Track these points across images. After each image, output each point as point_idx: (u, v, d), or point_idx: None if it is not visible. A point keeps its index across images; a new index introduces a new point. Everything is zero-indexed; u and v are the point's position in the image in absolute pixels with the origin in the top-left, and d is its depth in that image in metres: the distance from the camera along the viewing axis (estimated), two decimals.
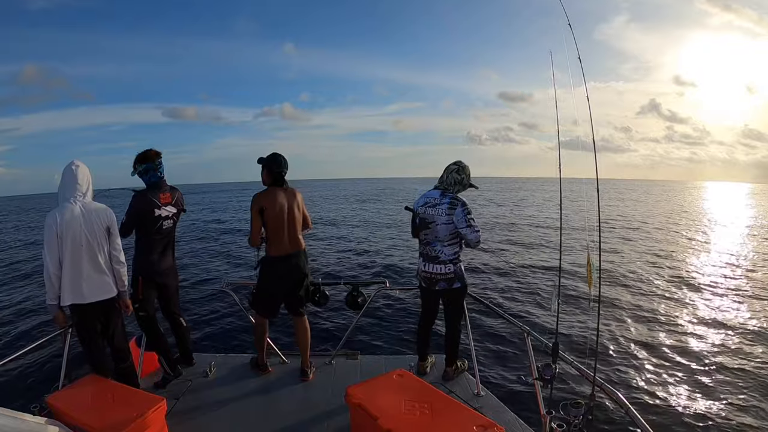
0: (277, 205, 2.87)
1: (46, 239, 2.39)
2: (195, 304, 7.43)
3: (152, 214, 2.89)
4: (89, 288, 2.47)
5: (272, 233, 2.92)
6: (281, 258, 2.94)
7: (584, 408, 1.81)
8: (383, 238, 16.00)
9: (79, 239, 2.44)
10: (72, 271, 2.43)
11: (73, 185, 2.48)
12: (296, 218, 2.96)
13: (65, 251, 2.41)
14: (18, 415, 1.77)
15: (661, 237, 16.92)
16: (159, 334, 3.05)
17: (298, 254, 3.00)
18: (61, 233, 2.39)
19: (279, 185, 2.95)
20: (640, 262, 11.80)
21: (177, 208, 3.07)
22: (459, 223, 2.84)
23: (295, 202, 2.96)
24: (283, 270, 2.97)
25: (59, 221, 2.39)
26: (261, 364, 3.22)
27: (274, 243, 2.93)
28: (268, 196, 2.89)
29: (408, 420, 1.97)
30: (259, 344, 3.18)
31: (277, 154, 2.95)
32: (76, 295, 2.44)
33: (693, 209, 35.30)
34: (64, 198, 2.48)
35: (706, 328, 6.83)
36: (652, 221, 22.97)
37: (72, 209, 2.45)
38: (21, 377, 4.72)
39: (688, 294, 8.86)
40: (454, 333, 3.08)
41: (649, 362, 5.49)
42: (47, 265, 2.39)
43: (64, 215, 2.41)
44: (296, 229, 2.97)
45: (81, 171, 2.52)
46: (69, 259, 2.42)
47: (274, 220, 2.88)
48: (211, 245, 14.99)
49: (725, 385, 4.95)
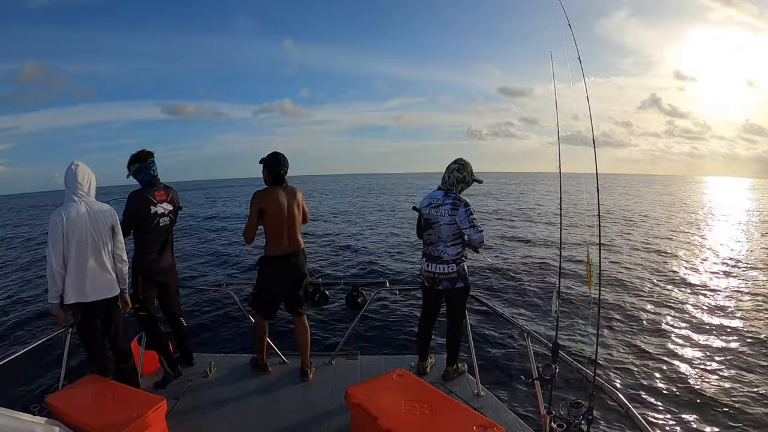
0: (278, 205, 2.88)
1: (51, 238, 2.38)
2: (195, 304, 7.43)
3: (148, 212, 2.91)
4: (92, 287, 2.48)
5: (272, 234, 2.92)
6: (280, 258, 2.94)
7: (584, 408, 1.81)
8: (383, 237, 15.99)
9: (85, 238, 2.45)
10: (76, 270, 2.43)
11: (74, 184, 2.49)
12: (296, 218, 2.96)
13: (70, 250, 2.41)
14: (18, 415, 1.77)
15: (662, 234, 16.90)
16: (160, 333, 3.05)
17: (297, 254, 3.00)
18: (67, 232, 2.40)
19: (279, 184, 2.95)
20: (641, 261, 11.79)
21: (173, 205, 3.08)
22: (462, 224, 2.85)
23: (295, 201, 2.96)
24: (282, 270, 2.97)
25: (65, 220, 2.40)
26: (261, 365, 3.22)
27: (274, 243, 2.93)
28: (269, 196, 2.89)
29: (408, 420, 1.97)
30: (259, 345, 3.18)
31: (277, 153, 2.94)
32: (79, 293, 2.45)
33: (695, 203, 35.22)
34: (69, 197, 2.49)
35: (706, 328, 6.83)
36: (653, 216, 22.94)
37: (77, 208, 2.46)
38: (21, 377, 4.72)
39: (689, 294, 8.85)
40: (456, 333, 3.08)
41: (649, 362, 5.49)
42: (51, 263, 2.38)
43: (69, 214, 2.42)
44: (296, 229, 2.97)
45: (81, 170, 2.52)
46: (74, 258, 2.42)
47: (274, 221, 2.88)
48: (211, 245, 14.99)
49: (725, 385, 4.95)
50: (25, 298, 8.81)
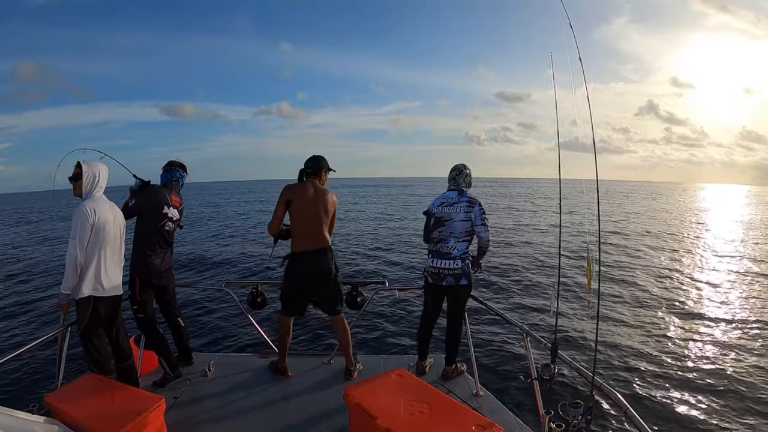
0: (305, 199, 2.87)
1: (78, 230, 2.39)
2: (195, 304, 7.44)
3: (161, 210, 2.95)
4: (107, 282, 2.51)
5: (297, 229, 2.89)
6: (303, 254, 2.89)
7: (583, 408, 1.81)
8: (383, 237, 16.00)
9: (110, 234, 2.50)
10: (95, 264, 2.46)
11: (96, 181, 2.52)
12: (321, 216, 2.90)
13: (96, 244, 2.44)
14: (17, 414, 1.77)
15: (662, 236, 16.94)
16: (159, 334, 3.04)
17: (324, 252, 2.93)
18: (97, 227, 2.43)
19: (310, 179, 2.96)
20: (641, 261, 11.82)
21: (180, 215, 3.15)
22: (476, 221, 2.98)
23: (324, 200, 2.92)
24: (304, 266, 2.90)
25: (96, 214, 2.43)
26: (281, 368, 3.12)
27: (298, 239, 2.90)
28: (297, 189, 2.90)
29: (407, 420, 1.97)
30: (282, 346, 3.10)
31: (316, 155, 3.01)
32: (95, 287, 2.47)
33: (692, 210, 35.35)
34: (91, 193, 2.50)
35: (706, 328, 6.85)
36: (652, 221, 23.00)
37: (104, 204, 2.50)
38: (20, 376, 4.72)
39: (689, 294, 8.88)
40: (456, 333, 3.09)
41: (648, 362, 5.50)
42: (75, 256, 2.37)
43: (100, 209, 2.45)
44: (322, 227, 2.91)
45: (104, 168, 2.58)
46: (96, 253, 2.45)
47: (299, 215, 2.86)
48: (210, 245, 14.99)
49: (725, 385, 4.96)
50: (25, 297, 8.81)
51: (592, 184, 1.83)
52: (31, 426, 1.80)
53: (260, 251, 13.25)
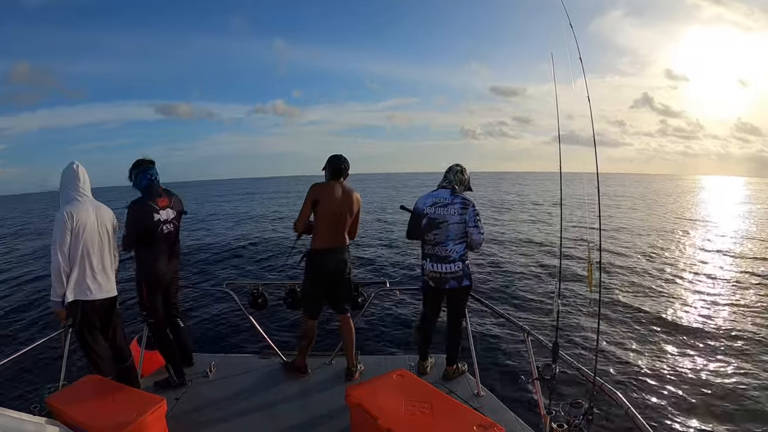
0: (331, 199, 2.92)
1: (58, 236, 2.37)
2: (195, 304, 7.44)
3: (152, 220, 2.78)
4: (95, 285, 2.49)
5: (320, 226, 2.95)
6: (323, 251, 2.96)
7: (584, 408, 1.81)
8: (382, 237, 15.99)
9: (92, 237, 2.46)
10: (80, 268, 2.43)
11: (75, 183, 2.49)
12: (346, 216, 2.97)
13: (77, 248, 2.41)
14: (18, 415, 1.77)
15: (661, 234, 16.90)
16: (168, 340, 3.01)
17: (341, 250, 3.00)
18: (76, 230, 2.39)
19: (337, 180, 2.99)
20: (641, 261, 11.79)
21: (176, 211, 2.99)
22: (469, 222, 2.92)
23: (349, 200, 2.97)
24: (323, 262, 2.98)
25: (75, 218, 2.39)
26: (301, 367, 3.17)
27: (319, 235, 2.96)
28: (325, 188, 2.94)
29: (408, 420, 1.97)
30: (304, 346, 3.14)
31: (338, 154, 3.02)
32: (81, 291, 2.44)
33: (690, 203, 35.29)
34: (70, 196, 2.47)
35: (707, 328, 6.83)
36: (653, 218, 22.95)
37: (84, 207, 2.46)
38: (21, 377, 4.72)
39: (690, 294, 8.86)
40: (456, 333, 3.09)
41: (649, 362, 5.50)
42: (58, 262, 2.36)
43: (78, 212, 2.41)
44: (344, 226, 2.99)
45: (82, 169, 2.53)
46: (79, 257, 2.42)
47: (325, 213, 2.91)
48: (210, 245, 14.98)
49: (725, 385, 4.95)
50: (25, 298, 8.82)
51: (591, 178, 1.83)
52: (33, 427, 1.80)
53: (260, 251, 13.26)
